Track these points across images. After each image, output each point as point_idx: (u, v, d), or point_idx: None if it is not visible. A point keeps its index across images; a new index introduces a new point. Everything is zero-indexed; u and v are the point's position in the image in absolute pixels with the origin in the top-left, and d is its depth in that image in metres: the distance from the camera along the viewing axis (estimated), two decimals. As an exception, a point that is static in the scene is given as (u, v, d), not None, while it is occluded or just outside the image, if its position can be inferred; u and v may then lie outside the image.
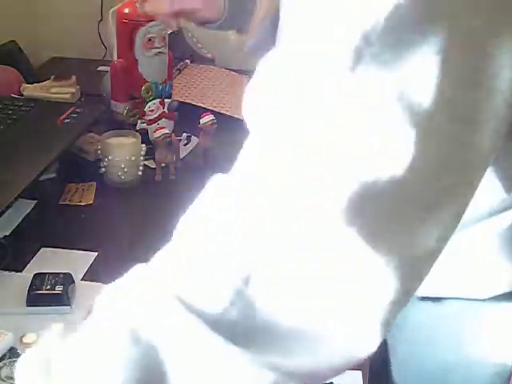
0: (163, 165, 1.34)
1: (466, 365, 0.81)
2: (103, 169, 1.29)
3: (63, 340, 0.58)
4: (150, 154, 1.34)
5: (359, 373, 0.88)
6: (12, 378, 0.80)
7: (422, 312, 0.79)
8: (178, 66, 1.76)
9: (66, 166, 1.30)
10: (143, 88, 1.40)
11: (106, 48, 1.89)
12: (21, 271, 1.03)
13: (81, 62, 1.91)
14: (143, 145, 1.33)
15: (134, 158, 1.29)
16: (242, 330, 0.51)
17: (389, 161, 0.48)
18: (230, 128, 1.50)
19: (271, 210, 0.51)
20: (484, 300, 0.74)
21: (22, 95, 1.44)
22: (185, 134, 1.43)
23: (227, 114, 1.58)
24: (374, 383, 0.88)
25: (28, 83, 1.48)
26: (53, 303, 0.94)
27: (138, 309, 0.54)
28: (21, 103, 1.35)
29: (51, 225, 1.17)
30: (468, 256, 0.72)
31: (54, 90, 1.44)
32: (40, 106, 1.35)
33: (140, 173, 1.31)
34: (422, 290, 0.55)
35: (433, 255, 0.53)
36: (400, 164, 0.48)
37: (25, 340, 0.89)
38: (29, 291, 0.95)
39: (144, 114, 1.41)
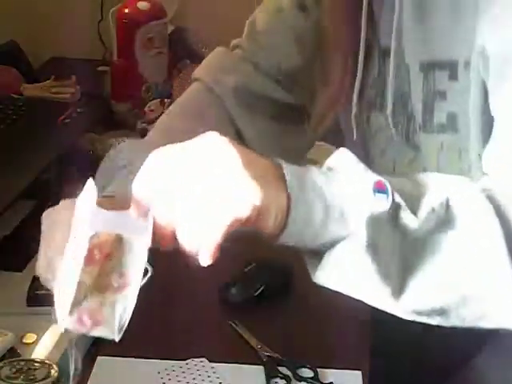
0: (163, 165, 1.33)
1: None
2: (103, 169, 1.29)
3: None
4: (149, 154, 1.33)
5: (359, 373, 0.88)
6: (12, 378, 0.80)
7: None
8: (178, 66, 1.76)
9: (66, 166, 1.30)
10: (143, 88, 1.40)
11: (106, 48, 1.89)
12: (21, 271, 1.03)
13: (81, 62, 1.90)
14: (143, 145, 1.33)
15: (133, 158, 1.29)
16: None
17: None
18: (230, 128, 1.50)
19: None
20: None
21: (22, 95, 1.43)
22: (185, 134, 1.43)
23: (227, 113, 1.58)
24: (374, 383, 0.88)
25: (28, 83, 1.48)
26: (53, 303, 0.94)
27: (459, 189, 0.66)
28: (21, 103, 1.35)
29: (51, 225, 1.17)
30: None
31: (54, 90, 1.44)
32: (40, 106, 1.35)
33: (140, 173, 1.31)
34: None
35: None
36: None
37: (25, 340, 0.89)
38: (29, 291, 0.95)
39: (144, 113, 1.42)
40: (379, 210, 0.60)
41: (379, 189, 0.61)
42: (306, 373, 0.87)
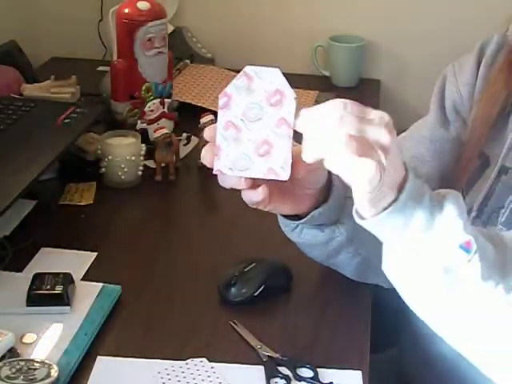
0: (163, 165, 1.34)
1: None
2: (103, 169, 1.29)
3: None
4: (149, 154, 1.34)
5: (359, 373, 0.88)
6: (12, 378, 0.80)
7: None
8: (178, 66, 1.76)
9: (65, 166, 1.30)
10: (143, 88, 1.40)
11: (106, 48, 1.89)
12: (21, 271, 1.03)
13: (81, 62, 1.91)
14: (143, 145, 1.33)
15: (133, 158, 1.29)
16: None
17: None
18: (230, 128, 1.50)
19: None
20: None
21: (22, 95, 1.43)
22: (185, 134, 1.43)
23: (227, 113, 1.57)
24: (374, 383, 0.88)
25: (28, 83, 1.48)
26: (53, 303, 0.94)
27: None
28: (21, 103, 1.35)
29: (51, 225, 1.17)
30: None
31: (54, 90, 1.44)
32: (40, 106, 1.35)
33: (140, 173, 1.31)
34: None
35: None
36: None
37: (25, 340, 0.89)
38: (29, 291, 0.95)
39: (144, 113, 1.41)
40: (454, 263, 0.70)
41: (466, 247, 0.70)
42: (306, 373, 0.87)
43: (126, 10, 1.36)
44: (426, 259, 0.71)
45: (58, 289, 0.95)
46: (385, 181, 0.67)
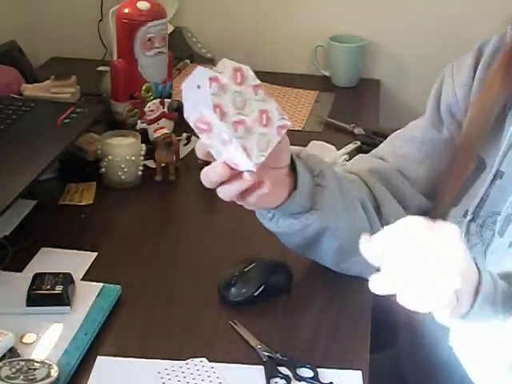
0: (163, 165, 1.34)
1: None
2: (103, 169, 1.29)
3: None
4: (149, 154, 1.34)
5: (359, 373, 0.88)
6: (12, 378, 0.80)
7: None
8: (178, 66, 1.76)
9: (65, 166, 1.30)
10: (143, 88, 1.40)
11: (106, 48, 1.89)
12: (21, 271, 1.03)
13: (81, 62, 1.91)
14: (143, 145, 1.33)
15: (133, 158, 1.29)
16: None
17: None
18: (230, 128, 1.50)
19: None
20: None
21: (22, 95, 1.43)
22: (185, 134, 1.43)
23: (227, 113, 1.57)
24: (374, 383, 0.88)
25: (28, 83, 1.48)
26: (53, 303, 0.94)
27: None
28: (21, 103, 1.35)
29: (51, 225, 1.17)
30: None
31: (54, 90, 1.44)
32: (40, 106, 1.35)
33: (140, 173, 1.31)
34: None
35: None
36: None
37: (25, 340, 0.89)
38: (29, 291, 0.95)
39: (144, 113, 1.41)
40: None
41: None
42: (306, 373, 0.87)
43: (126, 10, 1.36)
44: (493, 351, 0.72)
45: (58, 289, 0.95)
46: (462, 292, 0.68)
